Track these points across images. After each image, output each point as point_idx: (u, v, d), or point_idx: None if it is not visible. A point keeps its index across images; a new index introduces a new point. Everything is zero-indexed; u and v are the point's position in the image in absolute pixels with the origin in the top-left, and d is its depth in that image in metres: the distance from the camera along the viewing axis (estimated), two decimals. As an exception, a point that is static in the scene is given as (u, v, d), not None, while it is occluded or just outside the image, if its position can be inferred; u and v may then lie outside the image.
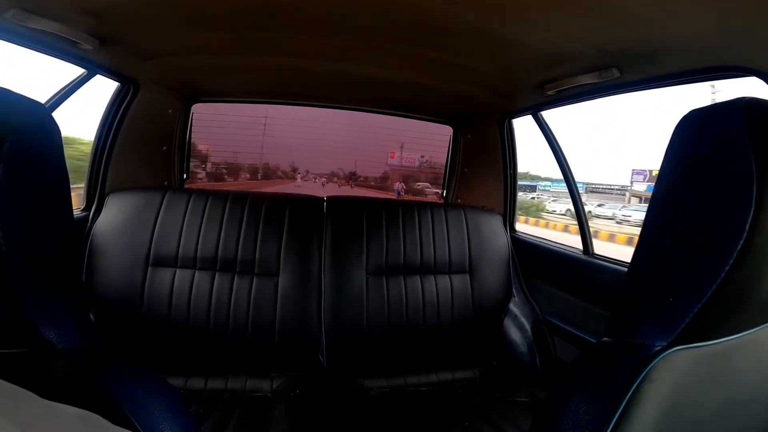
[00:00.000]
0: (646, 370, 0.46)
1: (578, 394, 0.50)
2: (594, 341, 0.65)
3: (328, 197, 1.60)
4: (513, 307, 1.63)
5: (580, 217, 1.52)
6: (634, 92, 1.15)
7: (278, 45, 1.21)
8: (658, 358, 0.47)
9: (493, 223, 1.64)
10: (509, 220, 1.81)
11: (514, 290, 1.66)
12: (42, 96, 1.17)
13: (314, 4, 0.94)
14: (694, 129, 0.51)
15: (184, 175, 1.77)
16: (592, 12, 0.83)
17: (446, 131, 2.02)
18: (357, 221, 1.53)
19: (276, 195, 1.55)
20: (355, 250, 1.49)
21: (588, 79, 1.15)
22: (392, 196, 10.81)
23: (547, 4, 0.83)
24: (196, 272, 1.36)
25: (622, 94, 1.19)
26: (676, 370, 0.48)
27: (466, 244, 1.58)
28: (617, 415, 0.45)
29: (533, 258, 1.70)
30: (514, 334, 1.57)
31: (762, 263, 0.45)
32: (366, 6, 0.93)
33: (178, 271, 1.35)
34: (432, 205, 1.65)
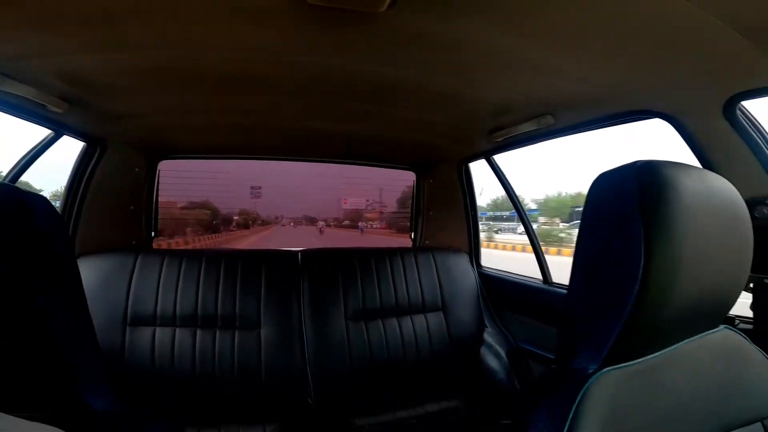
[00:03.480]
0: (583, 390, 0.52)
1: (537, 417, 0.55)
2: None
3: (302, 251, 1.67)
4: (487, 337, 1.70)
5: (536, 249, 1.65)
6: (566, 136, 1.33)
7: (246, 106, 1.28)
8: (591, 380, 0.53)
9: (461, 262, 1.75)
10: (475, 257, 1.92)
11: (486, 321, 1.74)
12: (7, 158, 1.17)
13: (282, 73, 1.03)
14: (600, 189, 0.59)
15: (152, 233, 1.76)
16: (533, 70, 0.96)
17: (396, 176, 2.16)
18: (331, 271, 1.61)
19: (250, 252, 1.60)
20: (332, 298, 1.56)
21: (528, 127, 1.32)
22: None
23: (496, 66, 0.96)
24: (177, 329, 1.38)
25: (557, 138, 1.37)
26: (610, 388, 0.53)
27: (437, 283, 1.68)
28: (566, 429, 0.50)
29: (501, 290, 1.81)
30: (492, 361, 1.64)
31: (657, 298, 0.52)
32: (331, 74, 1.03)
33: (157, 329, 1.36)
34: (402, 251, 1.75)
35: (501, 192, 2.03)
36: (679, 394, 0.59)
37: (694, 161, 0.97)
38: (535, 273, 1.65)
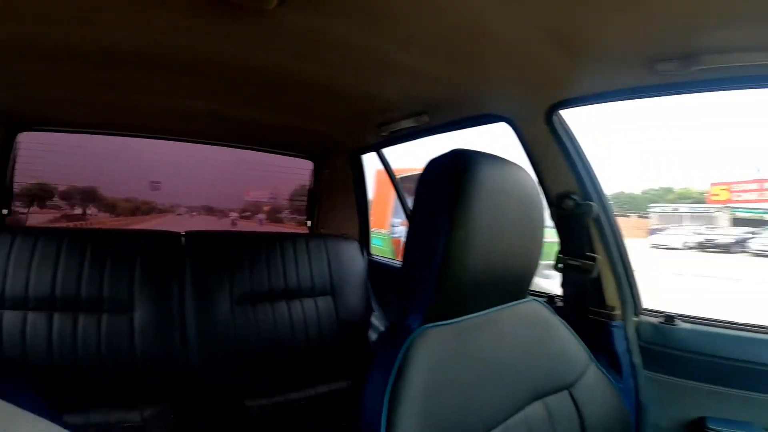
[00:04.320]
0: (407, 343, 0.58)
1: (373, 371, 0.61)
2: None
3: (186, 232, 1.61)
4: (374, 320, 1.81)
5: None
6: (440, 134, 1.48)
7: (127, 82, 1.21)
8: (414, 334, 0.59)
9: (351, 249, 1.84)
10: (365, 244, 2.02)
11: (373, 305, 1.85)
12: None
13: (171, 54, 1.00)
14: (427, 171, 0.68)
15: (4, 211, 1.55)
16: (405, 71, 1.05)
17: (295, 168, 2.19)
18: (219, 254, 1.58)
19: (125, 232, 1.49)
20: (218, 281, 1.53)
21: (409, 123, 1.43)
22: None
23: (375, 65, 1.02)
24: (29, 313, 1.26)
25: (432, 136, 1.51)
26: (431, 342, 0.59)
27: (327, 268, 1.74)
28: (392, 379, 0.56)
29: (386, 276, 1.93)
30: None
31: (457, 265, 0.61)
32: (222, 59, 1.02)
33: (6, 312, 1.24)
34: (294, 236, 1.78)
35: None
36: (493, 357, 0.67)
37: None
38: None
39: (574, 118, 1.07)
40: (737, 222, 11.10)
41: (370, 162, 1.98)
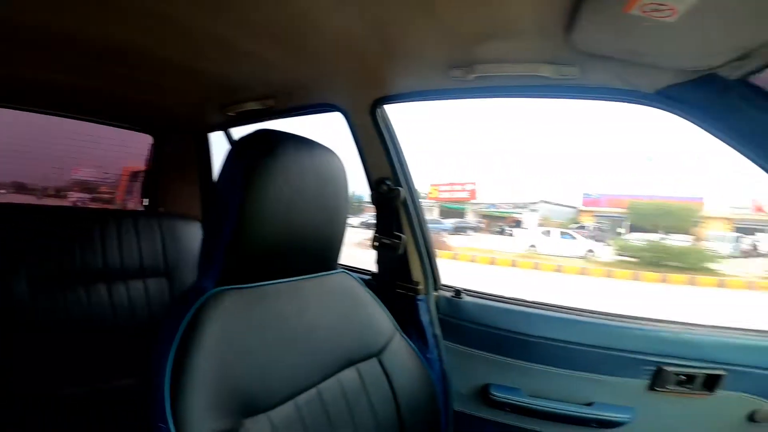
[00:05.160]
0: (196, 305, 0.59)
1: (159, 336, 0.60)
2: None
3: None
4: None
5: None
6: (286, 118, 1.53)
7: None
8: (205, 296, 0.61)
9: (191, 229, 1.74)
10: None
11: None
12: None
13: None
14: (235, 145, 0.71)
15: None
16: (254, 58, 1.06)
17: (132, 143, 1.99)
18: (15, 230, 1.35)
19: None
20: (13, 259, 1.32)
21: (255, 106, 1.43)
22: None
23: (221, 48, 1.01)
24: None
25: (279, 119, 1.55)
26: (224, 306, 0.61)
27: (161, 249, 1.62)
28: (176, 343, 0.55)
29: None
30: None
31: (252, 233, 0.64)
32: (47, 21, 0.90)
33: None
34: (120, 214, 1.62)
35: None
36: (298, 323, 0.70)
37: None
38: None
39: (404, 113, 1.22)
40: (444, 213, 14.81)
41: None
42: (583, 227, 12.15)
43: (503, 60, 0.93)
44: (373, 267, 1.32)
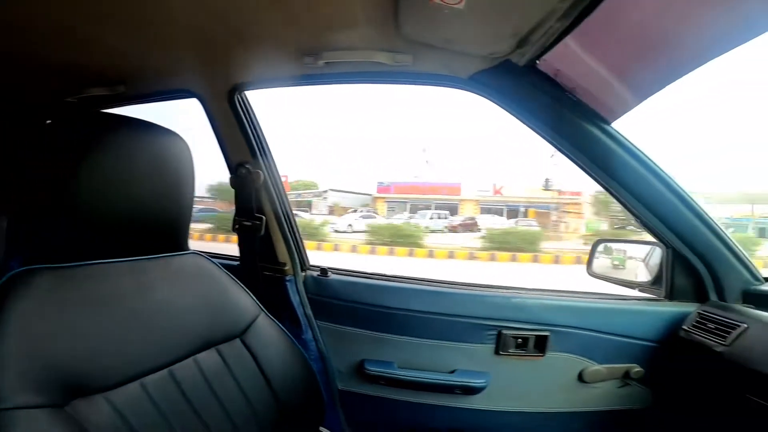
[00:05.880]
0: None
1: None
2: None
3: None
4: None
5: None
6: (141, 104, 1.42)
7: None
8: (9, 275, 0.57)
9: None
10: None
11: None
12: None
13: None
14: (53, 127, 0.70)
15: None
16: (101, 43, 1.01)
17: None
18: None
19: None
20: None
21: (103, 92, 1.31)
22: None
23: (60, 34, 0.96)
24: None
25: (135, 105, 1.43)
26: (33, 283, 0.57)
27: None
28: None
29: None
30: None
31: (86, 211, 0.64)
32: None
33: None
34: None
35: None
36: (138, 305, 0.66)
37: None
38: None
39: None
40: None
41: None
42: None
43: (347, 48, 1.00)
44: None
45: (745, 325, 0.89)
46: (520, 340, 1.10)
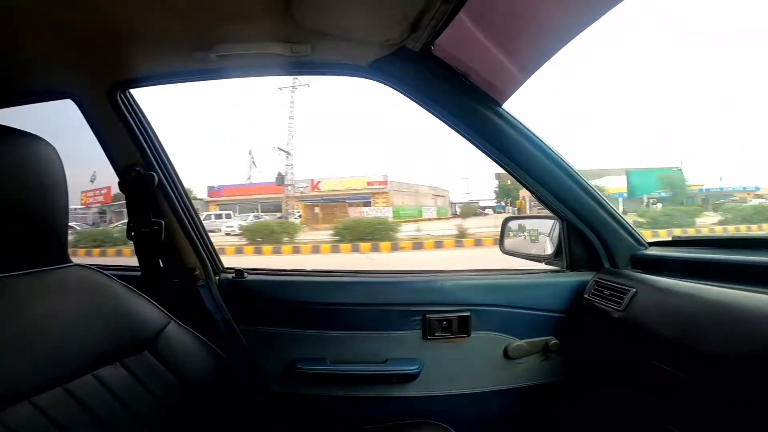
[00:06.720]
0: None
1: None
2: None
3: None
4: None
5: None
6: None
7: None
8: None
9: None
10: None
11: None
12: None
13: None
14: None
15: None
16: None
17: None
18: None
19: None
20: None
21: None
22: None
23: None
24: None
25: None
26: None
27: None
28: None
29: None
30: None
31: None
32: None
33: None
34: None
35: None
36: (16, 323, 0.61)
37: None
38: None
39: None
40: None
41: None
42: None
43: (241, 40, 0.95)
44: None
45: (634, 290, 0.94)
46: (444, 322, 1.11)
